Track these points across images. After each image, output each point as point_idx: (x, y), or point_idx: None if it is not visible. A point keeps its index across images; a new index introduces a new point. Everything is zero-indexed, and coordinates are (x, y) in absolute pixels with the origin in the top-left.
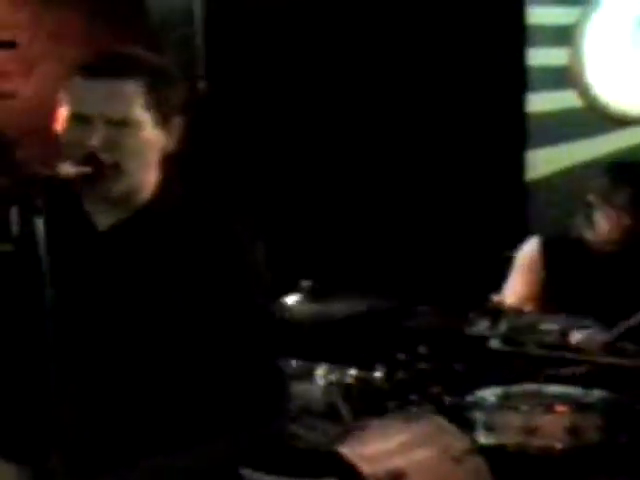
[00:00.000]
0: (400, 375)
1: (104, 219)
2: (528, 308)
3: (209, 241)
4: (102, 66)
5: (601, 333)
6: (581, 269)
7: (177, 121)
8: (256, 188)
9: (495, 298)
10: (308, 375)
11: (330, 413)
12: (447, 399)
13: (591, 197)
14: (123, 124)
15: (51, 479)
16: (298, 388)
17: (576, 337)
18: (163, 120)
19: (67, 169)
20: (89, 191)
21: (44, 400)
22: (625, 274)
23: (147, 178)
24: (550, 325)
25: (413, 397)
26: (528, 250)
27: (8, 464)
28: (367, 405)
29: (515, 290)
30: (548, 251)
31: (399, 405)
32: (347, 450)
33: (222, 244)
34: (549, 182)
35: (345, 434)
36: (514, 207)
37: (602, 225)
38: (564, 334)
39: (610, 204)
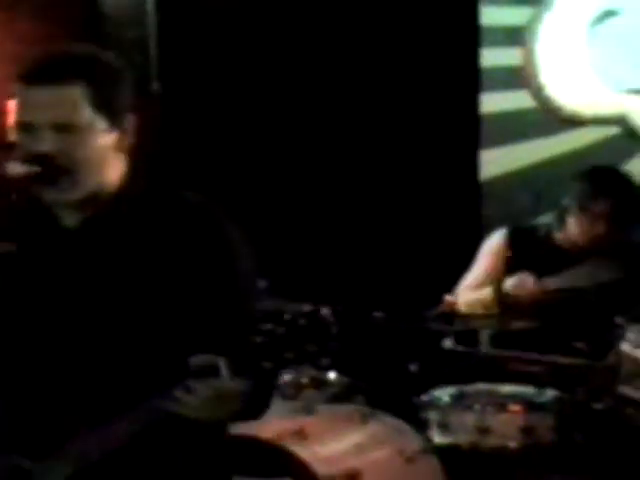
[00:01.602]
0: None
1: (71, 219)
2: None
3: (175, 230)
4: (44, 71)
5: (531, 279)
6: (545, 262)
7: (129, 118)
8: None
9: (448, 298)
10: None
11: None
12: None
13: (567, 200)
14: (72, 130)
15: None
16: None
17: (508, 283)
18: (114, 120)
19: (16, 168)
20: (48, 195)
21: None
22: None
23: (108, 177)
24: None
25: (289, 355)
26: (495, 237)
27: None
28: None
29: (477, 272)
30: (514, 241)
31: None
32: (301, 450)
33: (188, 231)
34: (503, 182)
35: (299, 432)
36: (468, 207)
37: (574, 230)
38: None
39: (586, 212)
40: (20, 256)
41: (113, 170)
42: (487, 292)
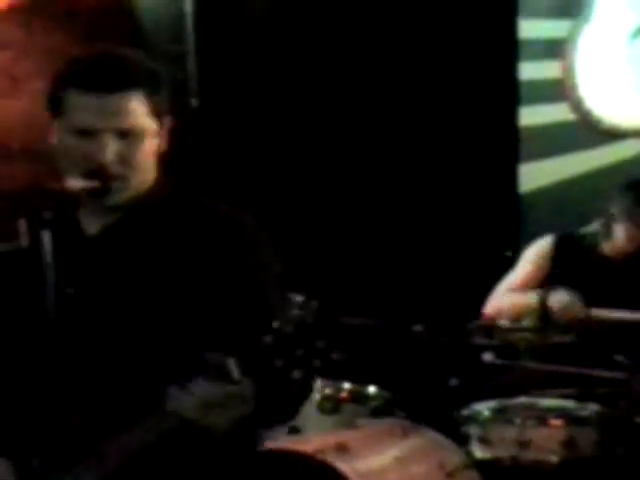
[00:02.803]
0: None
1: (94, 225)
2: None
3: (197, 237)
4: (105, 78)
5: (578, 305)
6: (590, 271)
7: (167, 121)
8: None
9: (487, 312)
10: None
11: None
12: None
13: (614, 210)
14: (131, 135)
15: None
16: None
17: (555, 299)
18: (160, 124)
19: (76, 183)
20: (93, 203)
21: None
22: (635, 281)
23: (145, 181)
24: None
25: (299, 352)
26: (541, 243)
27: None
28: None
29: (520, 276)
30: (560, 247)
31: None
32: (342, 464)
33: (211, 239)
34: (542, 195)
35: (340, 446)
36: (507, 220)
37: (620, 239)
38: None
39: (633, 221)
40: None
41: (149, 175)
42: (533, 297)
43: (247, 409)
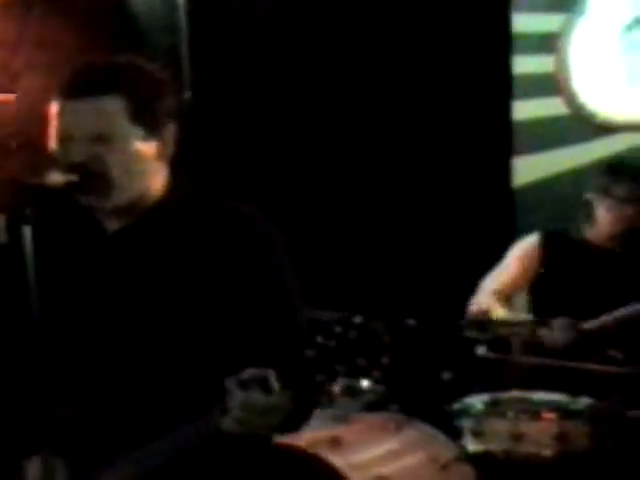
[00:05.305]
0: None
1: (112, 225)
2: (510, 302)
3: (213, 236)
4: (82, 84)
5: (570, 333)
6: (581, 265)
7: (170, 127)
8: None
9: (477, 306)
10: None
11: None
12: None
13: (590, 195)
14: (106, 140)
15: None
16: None
17: (545, 334)
18: (153, 130)
19: (55, 178)
20: (86, 202)
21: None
22: (624, 273)
23: (150, 185)
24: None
25: (340, 368)
26: (526, 242)
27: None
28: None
29: (506, 277)
30: (548, 244)
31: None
32: (335, 457)
33: (228, 238)
34: (535, 189)
35: (333, 440)
36: (501, 214)
37: (604, 219)
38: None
39: (611, 196)
40: (61, 260)
41: (155, 179)
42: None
43: (278, 420)
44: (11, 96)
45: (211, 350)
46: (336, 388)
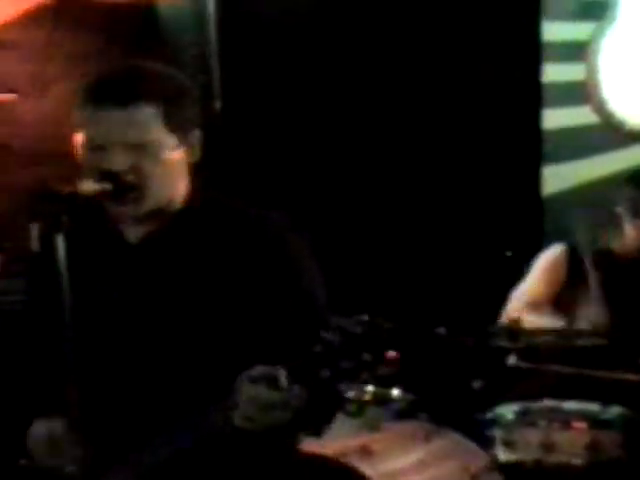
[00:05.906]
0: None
1: (135, 233)
2: (541, 310)
3: (236, 244)
4: (115, 92)
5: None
6: (607, 275)
7: (195, 134)
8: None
9: (510, 315)
10: None
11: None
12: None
13: (620, 209)
14: (142, 148)
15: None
16: None
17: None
18: (183, 136)
19: (88, 186)
20: (116, 209)
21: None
22: None
23: (175, 192)
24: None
25: (346, 364)
26: (553, 252)
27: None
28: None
29: (534, 288)
30: (573, 257)
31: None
32: (364, 466)
33: (251, 245)
34: (565, 198)
35: (363, 449)
36: (531, 223)
37: (631, 236)
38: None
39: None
40: (84, 269)
41: (180, 185)
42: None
43: (287, 417)
44: (11, 96)
45: (232, 352)
46: (366, 396)
